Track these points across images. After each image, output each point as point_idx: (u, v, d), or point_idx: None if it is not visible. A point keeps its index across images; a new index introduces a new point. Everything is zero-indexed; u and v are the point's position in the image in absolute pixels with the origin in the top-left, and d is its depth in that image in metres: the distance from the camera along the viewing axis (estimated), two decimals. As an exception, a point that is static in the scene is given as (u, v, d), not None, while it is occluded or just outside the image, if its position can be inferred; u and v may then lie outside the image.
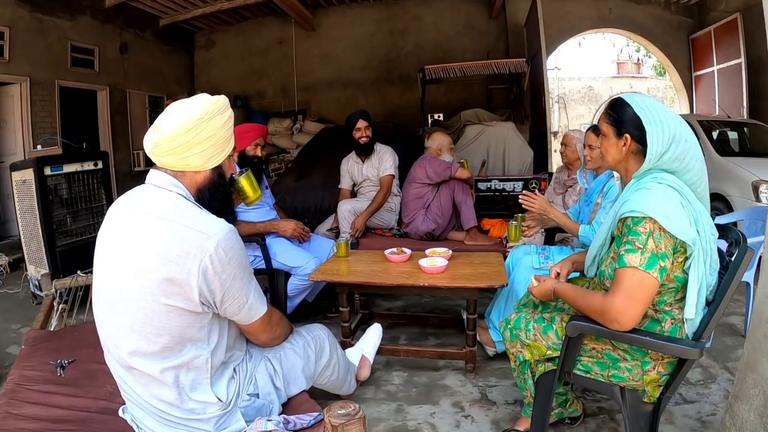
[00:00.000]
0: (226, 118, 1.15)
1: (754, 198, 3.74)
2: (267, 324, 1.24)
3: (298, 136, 7.36)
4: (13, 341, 2.69)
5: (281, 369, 1.33)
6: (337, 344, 1.62)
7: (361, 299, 2.60)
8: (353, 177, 3.41)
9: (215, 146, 1.13)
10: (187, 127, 1.08)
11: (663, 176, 1.24)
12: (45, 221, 3.18)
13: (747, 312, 2.37)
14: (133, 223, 1.08)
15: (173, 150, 1.09)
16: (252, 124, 2.80)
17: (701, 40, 7.16)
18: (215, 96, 1.18)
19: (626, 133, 1.29)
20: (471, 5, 7.41)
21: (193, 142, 1.09)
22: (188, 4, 6.75)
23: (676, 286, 1.23)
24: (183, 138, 1.08)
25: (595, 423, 1.75)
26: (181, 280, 1.02)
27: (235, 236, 1.10)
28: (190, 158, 1.11)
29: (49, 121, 5.51)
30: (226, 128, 1.15)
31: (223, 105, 1.16)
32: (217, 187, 1.18)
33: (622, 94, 1.38)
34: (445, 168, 3.07)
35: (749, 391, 1.27)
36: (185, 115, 1.10)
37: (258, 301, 1.18)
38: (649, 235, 1.17)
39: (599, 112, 12.15)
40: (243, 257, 1.12)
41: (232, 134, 1.19)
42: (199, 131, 1.09)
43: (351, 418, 0.93)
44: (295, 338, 1.46)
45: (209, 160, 1.14)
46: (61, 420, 1.29)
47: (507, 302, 2.21)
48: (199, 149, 1.10)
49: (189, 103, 1.13)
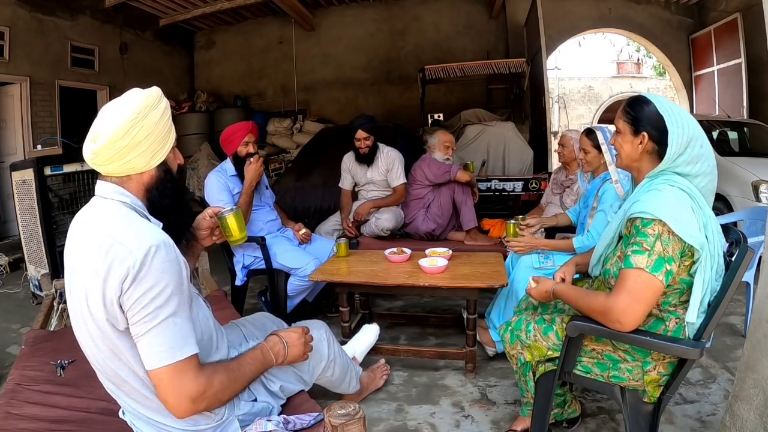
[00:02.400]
0: (161, 112, 1.08)
1: (754, 198, 3.73)
2: (178, 378, 0.96)
3: (298, 136, 7.36)
4: (13, 341, 2.69)
5: (276, 377, 1.30)
6: (334, 342, 1.60)
7: (361, 299, 2.60)
8: (355, 177, 3.25)
9: (155, 143, 1.07)
10: (123, 131, 1.02)
11: (676, 179, 1.22)
12: (45, 221, 3.18)
13: (747, 312, 2.37)
14: (80, 240, 1.04)
15: (113, 156, 1.03)
16: (236, 125, 2.65)
17: (701, 40, 7.16)
18: (147, 90, 1.10)
19: (644, 131, 1.27)
20: (471, 5, 7.42)
21: (131, 144, 1.03)
22: (188, 4, 6.75)
23: (682, 288, 1.23)
24: (121, 143, 1.02)
25: (595, 423, 1.76)
26: (111, 297, 0.95)
27: (163, 252, 0.97)
28: (133, 161, 1.05)
29: (49, 121, 5.52)
30: (162, 122, 1.09)
31: (155, 99, 1.09)
32: (165, 183, 1.12)
33: (640, 93, 1.37)
34: (444, 171, 3.03)
35: (749, 391, 1.27)
36: (118, 117, 1.03)
37: (175, 340, 0.96)
38: (658, 237, 1.16)
39: (599, 112, 12.11)
40: (165, 275, 0.96)
41: (171, 125, 1.13)
42: (136, 132, 1.03)
43: (351, 418, 0.93)
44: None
45: (152, 159, 1.08)
46: (61, 420, 1.29)
47: (507, 303, 2.21)
48: (138, 150, 1.05)
49: (120, 103, 1.06)
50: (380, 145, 3.17)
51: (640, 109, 1.28)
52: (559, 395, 1.63)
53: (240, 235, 1.39)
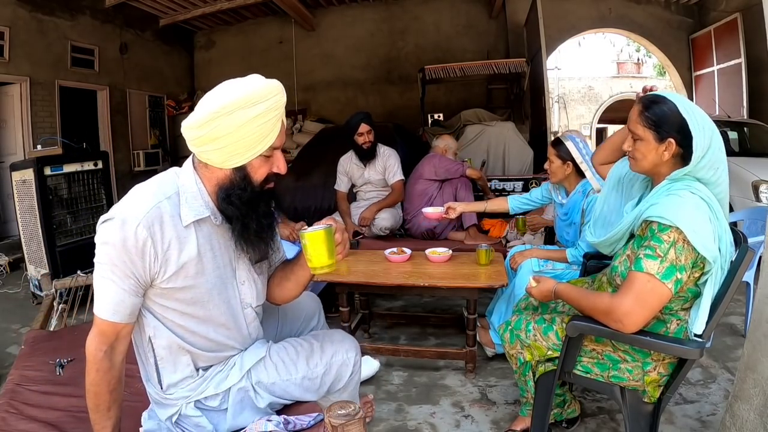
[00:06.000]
0: (257, 113, 0.97)
1: (754, 198, 3.73)
2: (99, 334, 1.00)
3: (298, 136, 7.35)
4: (13, 341, 2.69)
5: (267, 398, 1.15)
6: (358, 373, 1.27)
7: (361, 299, 2.60)
8: (352, 179, 3.25)
9: (237, 144, 0.98)
10: (202, 121, 0.96)
11: (697, 186, 1.18)
12: (45, 221, 3.18)
13: (747, 312, 2.37)
14: None
15: (192, 142, 1.00)
16: None
17: (701, 40, 7.15)
18: (262, 82, 1.00)
19: (670, 137, 1.18)
20: (471, 5, 7.41)
21: (208, 137, 0.97)
22: (188, 4, 6.75)
23: (686, 296, 1.22)
24: (198, 131, 0.98)
25: (595, 423, 1.76)
26: None
27: (122, 225, 0.95)
28: (209, 153, 1.00)
29: (49, 121, 5.51)
30: (256, 124, 0.97)
31: (255, 97, 0.97)
32: (236, 190, 1.02)
33: (657, 92, 1.28)
34: (456, 167, 3.16)
35: (749, 391, 1.27)
36: (208, 104, 0.97)
37: (100, 300, 0.99)
38: (672, 244, 1.14)
39: (599, 112, 12.07)
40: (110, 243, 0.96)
41: (270, 132, 1.00)
42: (214, 126, 0.96)
43: (351, 418, 0.93)
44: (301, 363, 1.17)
45: (229, 159, 1.00)
46: (61, 420, 1.29)
47: (508, 306, 2.21)
48: (215, 146, 0.98)
49: (223, 89, 0.99)
50: (378, 145, 3.19)
51: (661, 111, 1.19)
52: (558, 395, 1.63)
53: (322, 263, 1.05)
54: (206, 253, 1.05)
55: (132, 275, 0.98)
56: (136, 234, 0.95)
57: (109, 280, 0.97)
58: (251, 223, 1.05)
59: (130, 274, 0.97)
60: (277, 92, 1.00)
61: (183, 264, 1.01)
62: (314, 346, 1.21)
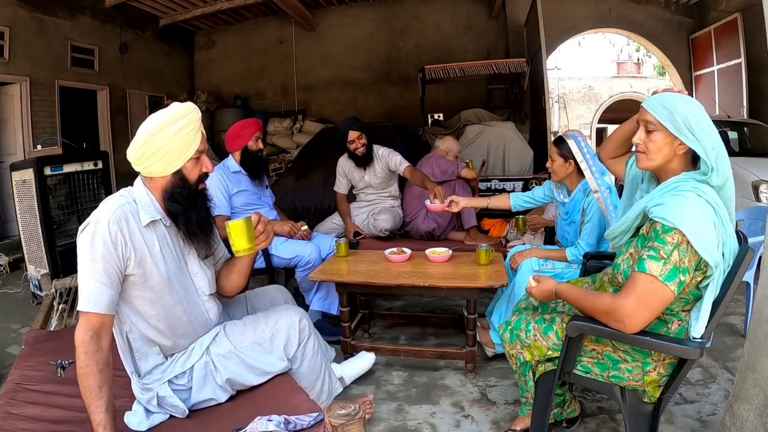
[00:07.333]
0: (179, 127, 1.25)
1: (754, 198, 3.73)
2: (84, 324, 1.15)
3: (298, 136, 7.35)
4: (13, 341, 2.69)
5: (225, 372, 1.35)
6: (313, 337, 1.48)
7: (361, 299, 2.60)
8: (352, 181, 3.21)
9: (171, 154, 1.26)
10: (142, 141, 1.24)
11: (705, 189, 1.17)
12: (45, 221, 3.18)
13: (747, 312, 2.37)
14: None
15: (136, 161, 1.28)
16: (246, 120, 2.68)
17: (701, 40, 7.15)
18: (178, 105, 1.28)
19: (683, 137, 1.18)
20: (471, 5, 7.41)
21: (147, 153, 1.25)
22: (188, 4, 6.75)
23: (687, 299, 1.22)
24: (139, 151, 1.26)
25: (595, 423, 1.76)
26: None
27: (96, 225, 1.18)
28: (151, 166, 1.27)
29: (49, 121, 5.51)
30: (180, 136, 1.25)
31: (177, 114, 1.26)
32: (178, 190, 1.30)
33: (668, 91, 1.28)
34: (452, 167, 3.15)
35: (749, 391, 1.27)
36: (142, 129, 1.25)
37: (82, 295, 1.16)
38: (676, 246, 1.13)
39: (599, 112, 12.06)
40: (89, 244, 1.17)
41: (193, 140, 1.28)
42: (152, 143, 1.24)
43: (351, 418, 0.93)
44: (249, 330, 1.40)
45: (168, 166, 1.27)
46: (62, 420, 1.29)
47: (508, 304, 2.21)
48: (155, 158, 1.25)
49: (153, 116, 1.27)
50: (374, 146, 3.13)
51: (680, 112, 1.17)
52: (558, 395, 1.63)
53: (242, 246, 1.33)
54: (164, 246, 1.29)
55: (109, 267, 1.17)
56: (109, 228, 1.18)
57: (89, 277, 1.16)
58: (192, 215, 1.32)
59: (108, 267, 1.17)
60: (192, 110, 1.30)
61: (147, 252, 1.24)
62: (260, 316, 1.47)
